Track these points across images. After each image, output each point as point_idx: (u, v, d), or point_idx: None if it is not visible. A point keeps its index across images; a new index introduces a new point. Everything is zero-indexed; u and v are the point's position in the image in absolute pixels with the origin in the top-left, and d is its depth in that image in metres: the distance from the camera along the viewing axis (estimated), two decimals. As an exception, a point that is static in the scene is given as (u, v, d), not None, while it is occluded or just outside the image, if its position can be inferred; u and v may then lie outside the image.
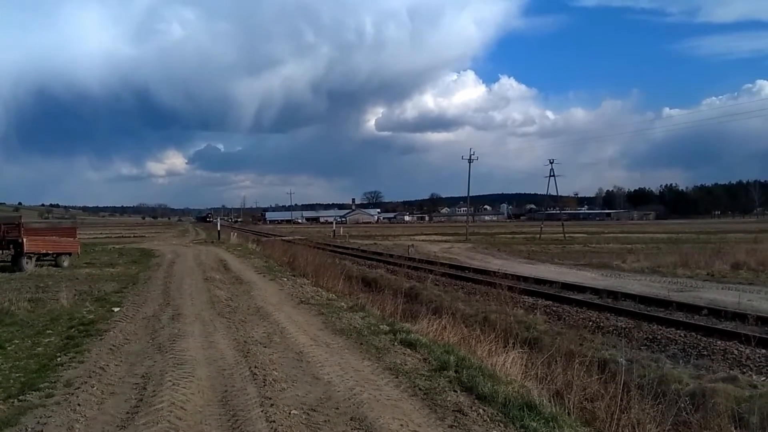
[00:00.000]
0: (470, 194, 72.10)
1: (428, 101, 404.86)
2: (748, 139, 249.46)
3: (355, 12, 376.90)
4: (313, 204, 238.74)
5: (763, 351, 10.84)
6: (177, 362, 7.23)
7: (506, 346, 9.20)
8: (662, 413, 6.87)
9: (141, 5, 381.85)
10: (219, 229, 51.10)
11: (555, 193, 72.38)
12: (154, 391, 6.06)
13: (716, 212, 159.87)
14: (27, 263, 20.46)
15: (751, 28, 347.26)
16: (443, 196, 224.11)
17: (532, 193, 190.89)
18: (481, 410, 5.57)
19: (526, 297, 17.83)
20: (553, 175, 65.39)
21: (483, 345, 9.06)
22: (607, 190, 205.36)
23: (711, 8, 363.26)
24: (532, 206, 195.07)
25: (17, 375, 6.94)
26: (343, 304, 12.49)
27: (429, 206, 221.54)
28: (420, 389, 6.19)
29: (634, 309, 15.27)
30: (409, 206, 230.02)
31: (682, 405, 7.65)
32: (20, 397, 5.96)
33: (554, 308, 16.33)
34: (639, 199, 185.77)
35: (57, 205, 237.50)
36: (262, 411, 5.44)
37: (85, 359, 7.51)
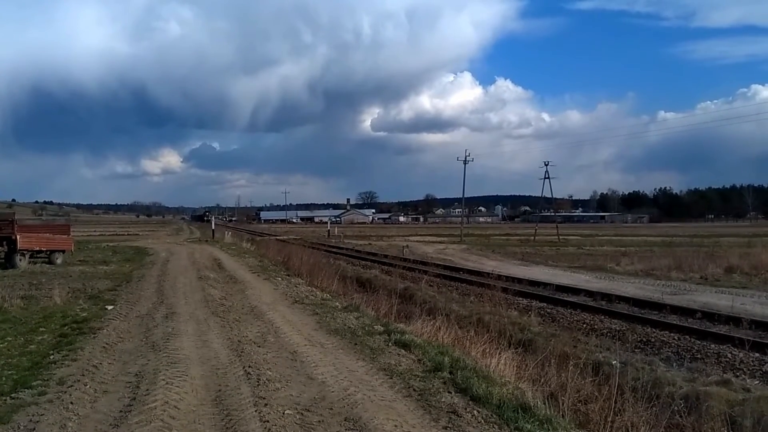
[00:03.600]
0: (465, 195, 72.01)
1: (424, 102, 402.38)
2: (743, 144, 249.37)
3: (353, 12, 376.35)
4: (308, 204, 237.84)
5: (757, 354, 10.91)
6: (171, 361, 7.20)
7: (500, 348, 9.23)
8: (656, 416, 6.90)
9: (139, 3, 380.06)
10: (213, 227, 50.98)
11: (550, 196, 71.97)
12: (147, 389, 6.03)
13: (710, 216, 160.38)
14: (20, 260, 20.37)
15: (746, 32, 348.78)
16: (438, 197, 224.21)
17: (527, 195, 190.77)
18: (475, 411, 5.57)
19: (520, 299, 17.89)
20: (548, 178, 65.56)
21: (477, 346, 9.08)
22: (602, 193, 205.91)
23: (707, 13, 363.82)
24: (527, 208, 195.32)
25: (9, 372, 6.88)
26: (337, 304, 12.48)
27: (424, 207, 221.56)
28: (414, 390, 6.19)
29: (628, 311, 15.34)
30: (404, 207, 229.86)
31: (676, 408, 7.68)
32: (12, 395, 5.92)
33: (548, 310, 16.36)
34: (633, 202, 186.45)
35: (51, 202, 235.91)
36: (255, 411, 5.42)
37: (78, 357, 7.46)
